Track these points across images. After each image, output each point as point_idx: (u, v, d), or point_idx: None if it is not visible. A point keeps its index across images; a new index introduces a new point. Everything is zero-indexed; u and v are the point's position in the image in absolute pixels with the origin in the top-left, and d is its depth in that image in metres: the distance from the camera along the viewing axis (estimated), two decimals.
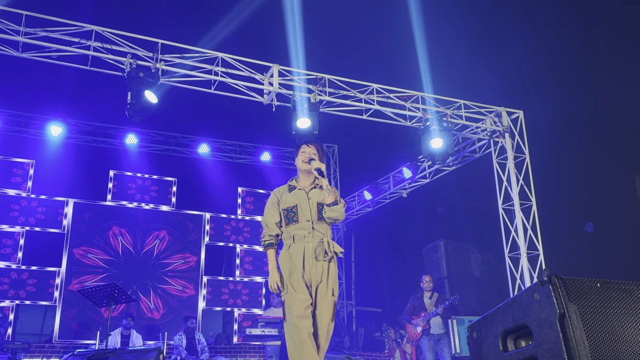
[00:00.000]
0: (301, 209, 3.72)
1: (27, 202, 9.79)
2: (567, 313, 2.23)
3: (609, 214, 10.35)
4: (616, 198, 10.34)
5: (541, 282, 2.34)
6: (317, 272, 3.58)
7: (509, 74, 10.60)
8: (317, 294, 3.59)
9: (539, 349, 2.38)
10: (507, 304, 2.67)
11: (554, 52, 11.15)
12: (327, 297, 3.58)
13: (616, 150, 10.45)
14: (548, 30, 10.98)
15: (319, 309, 3.57)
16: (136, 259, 10.25)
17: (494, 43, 11.11)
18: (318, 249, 3.62)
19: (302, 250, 3.63)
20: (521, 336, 2.63)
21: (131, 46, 7.16)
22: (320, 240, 3.64)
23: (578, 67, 10.77)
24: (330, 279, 3.61)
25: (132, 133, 10.81)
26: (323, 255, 3.59)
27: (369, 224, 12.62)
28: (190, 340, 8.30)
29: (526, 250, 8.37)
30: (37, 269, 9.56)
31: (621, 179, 10.30)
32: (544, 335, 2.34)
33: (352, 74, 8.34)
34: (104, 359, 4.22)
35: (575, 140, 10.73)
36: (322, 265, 3.60)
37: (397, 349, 10.26)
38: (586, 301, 2.30)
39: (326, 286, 3.58)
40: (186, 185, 11.10)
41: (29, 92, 10.06)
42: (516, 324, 2.57)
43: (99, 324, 8.69)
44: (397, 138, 10.24)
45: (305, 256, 3.61)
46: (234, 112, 10.11)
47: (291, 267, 3.61)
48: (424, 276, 8.09)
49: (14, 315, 9.15)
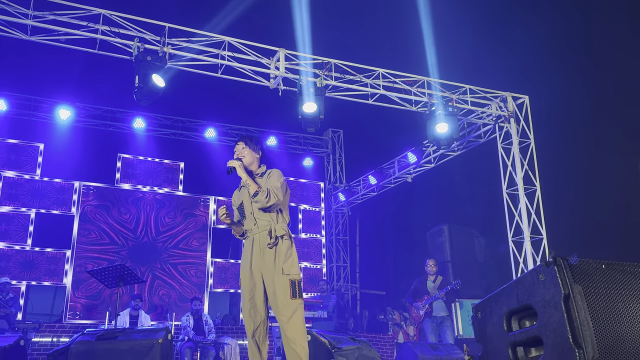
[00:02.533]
0: (246, 205, 3.96)
1: (37, 184, 9.91)
2: (571, 294, 2.25)
3: (612, 199, 10.40)
4: (620, 183, 10.38)
5: (546, 263, 2.37)
6: (266, 259, 3.77)
7: (515, 59, 10.59)
8: (269, 278, 3.75)
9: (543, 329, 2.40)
10: (512, 285, 2.68)
11: (560, 37, 11.12)
12: (279, 278, 3.71)
13: (620, 135, 10.46)
14: (554, 16, 10.94)
15: (274, 291, 3.71)
16: (144, 241, 10.37)
17: (500, 28, 11.07)
18: (264, 238, 3.81)
19: (251, 243, 3.89)
20: (525, 316, 2.64)
21: (139, 30, 7.18)
22: (266, 228, 3.83)
23: (584, 53, 10.75)
24: (279, 260, 3.75)
25: (140, 117, 10.86)
26: (267, 243, 3.78)
27: (374, 209, 12.70)
28: (197, 321, 8.43)
29: (530, 235, 8.44)
30: (47, 250, 9.70)
31: (625, 164, 10.33)
32: (549, 315, 2.36)
33: (358, 58, 8.35)
34: (113, 338, 4.30)
35: (580, 125, 10.74)
36: (269, 252, 3.78)
37: (400, 331, 10.39)
38: (591, 282, 2.31)
39: (274, 268, 3.73)
40: (193, 169, 11.18)
41: (38, 76, 10.12)
42: (521, 304, 2.58)
43: (108, 305, 8.82)
44: (402, 123, 10.28)
45: (254, 247, 3.85)
46: (240, 96, 10.15)
47: (244, 259, 3.91)
48: (428, 260, 8.17)
49: (24, 295, 9.31)
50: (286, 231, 3.87)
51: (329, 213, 12.75)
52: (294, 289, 3.69)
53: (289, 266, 3.76)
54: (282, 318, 3.65)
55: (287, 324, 3.64)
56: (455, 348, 6.85)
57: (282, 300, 3.66)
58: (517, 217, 8.62)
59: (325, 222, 12.43)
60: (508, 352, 2.62)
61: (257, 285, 3.80)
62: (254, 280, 3.81)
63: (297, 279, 3.74)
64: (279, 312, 3.68)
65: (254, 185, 3.87)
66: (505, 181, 8.89)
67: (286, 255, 3.78)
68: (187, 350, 8.04)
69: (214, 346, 8.27)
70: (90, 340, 4.21)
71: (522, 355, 2.60)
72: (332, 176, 12.94)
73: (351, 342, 4.95)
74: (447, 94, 8.64)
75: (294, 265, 3.80)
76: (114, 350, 4.13)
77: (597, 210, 10.49)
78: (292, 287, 3.69)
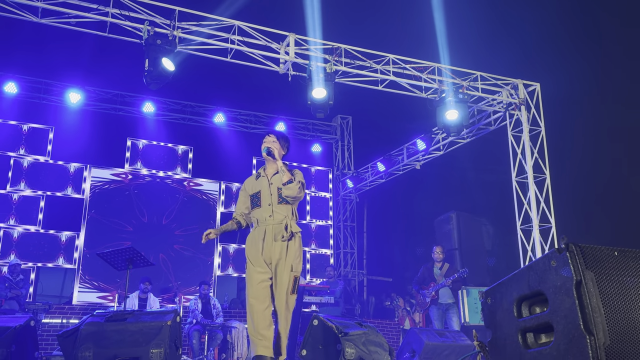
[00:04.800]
0: (263, 194, 4.08)
1: (48, 167, 9.98)
2: (583, 280, 2.23)
3: (623, 188, 10.33)
4: (631, 171, 10.30)
5: (558, 249, 2.35)
6: (276, 251, 3.95)
7: (527, 46, 10.48)
8: (277, 270, 3.96)
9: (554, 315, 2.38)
10: (523, 271, 2.65)
11: (572, 24, 10.97)
12: (286, 273, 3.94)
13: (631, 123, 10.36)
14: (567, 2, 10.79)
15: (278, 283, 3.96)
16: (153, 224, 10.44)
17: (512, 14, 10.95)
18: (278, 230, 3.97)
19: (262, 232, 4.01)
20: (536, 303, 2.61)
21: (149, 13, 7.16)
22: (281, 222, 3.99)
23: (595, 41, 10.62)
24: (289, 256, 3.97)
25: (149, 101, 10.88)
26: (281, 236, 3.95)
27: (382, 195, 12.69)
28: (205, 305, 8.51)
29: (538, 223, 8.41)
30: (57, 232, 9.80)
31: (636, 151, 10.24)
32: (560, 301, 2.34)
33: (368, 44, 8.29)
34: (122, 319, 4.33)
35: (591, 113, 10.64)
36: (280, 245, 3.95)
37: (406, 317, 10.44)
38: (603, 269, 2.28)
39: (284, 263, 3.95)
40: (202, 154, 11.22)
41: (49, 59, 10.13)
42: (531, 290, 2.56)
43: (117, 287, 8.91)
44: (411, 110, 10.22)
45: (265, 237, 3.99)
46: (249, 81, 10.12)
47: (253, 246, 4.03)
48: (435, 247, 8.17)
49: (34, 277, 9.42)
50: (299, 229, 4.08)
51: (337, 199, 12.76)
52: (295, 285, 3.98)
53: (297, 264, 4.01)
54: (281, 309, 3.97)
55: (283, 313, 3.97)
56: (462, 335, 6.86)
57: (284, 293, 3.94)
58: (526, 206, 8.59)
59: (333, 209, 12.45)
60: (518, 338, 2.60)
61: (266, 273, 3.99)
62: (264, 269, 3.98)
63: (299, 276, 4.04)
64: (279, 302, 3.97)
65: (287, 173, 3.95)
66: (515, 169, 8.84)
67: (296, 253, 4.01)
68: (195, 333, 8.12)
69: (221, 329, 8.35)
70: (100, 321, 4.23)
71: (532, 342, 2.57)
72: (340, 162, 12.93)
73: (358, 327, 4.95)
74: (458, 81, 8.58)
75: (300, 263, 4.07)
76: (123, 332, 4.15)
77: (607, 199, 10.43)
78: (294, 283, 3.97)
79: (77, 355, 4.00)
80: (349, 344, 4.65)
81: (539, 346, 2.51)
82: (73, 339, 4.11)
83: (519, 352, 2.57)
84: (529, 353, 2.51)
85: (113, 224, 10.16)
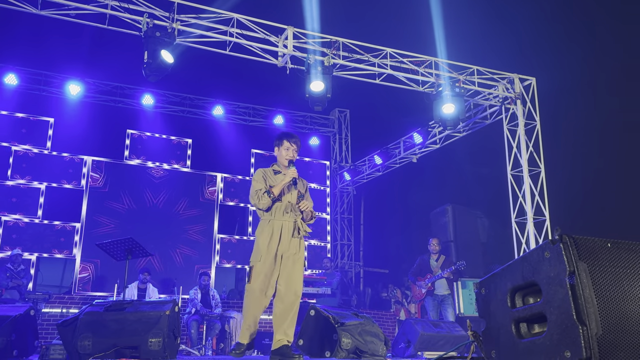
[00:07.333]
0: (286, 194, 4.28)
1: (48, 158, 10.00)
2: (576, 271, 2.25)
3: (617, 181, 10.44)
4: (625, 165, 10.41)
5: (552, 240, 2.36)
6: (293, 246, 4.22)
7: (522, 41, 10.53)
8: (290, 263, 4.19)
9: (547, 305, 2.40)
10: (517, 262, 2.67)
11: (568, 19, 11.04)
12: (299, 267, 4.24)
13: (625, 117, 10.46)
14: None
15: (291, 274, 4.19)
16: (152, 216, 10.48)
17: (508, 9, 10.99)
18: (293, 227, 4.25)
19: (280, 228, 4.22)
20: (530, 293, 2.63)
21: (148, 5, 7.18)
22: (294, 221, 4.27)
23: (590, 36, 10.68)
24: (301, 253, 4.29)
25: (149, 93, 10.90)
26: (297, 232, 4.25)
27: (379, 188, 12.78)
28: (204, 296, 8.58)
29: (533, 216, 8.51)
30: (57, 223, 9.84)
31: (631, 146, 10.35)
32: (553, 292, 2.36)
33: (366, 38, 8.32)
34: (121, 309, 4.36)
35: (585, 108, 10.73)
36: (296, 241, 4.25)
37: (402, 308, 10.56)
38: (596, 260, 2.30)
39: (296, 257, 4.23)
40: (201, 146, 11.25)
41: (48, 51, 10.14)
42: (525, 281, 2.58)
43: (116, 277, 8.97)
44: (408, 103, 10.28)
45: (282, 233, 4.21)
46: (248, 74, 10.15)
47: (270, 238, 4.19)
48: (432, 239, 8.27)
49: (35, 267, 9.47)
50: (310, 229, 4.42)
51: (334, 192, 12.84)
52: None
53: (304, 260, 4.39)
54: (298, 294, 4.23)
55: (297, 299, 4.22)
56: (456, 325, 6.97)
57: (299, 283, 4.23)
58: (520, 199, 8.68)
59: (331, 201, 12.52)
60: (511, 328, 2.62)
61: (276, 267, 4.18)
62: (276, 264, 4.18)
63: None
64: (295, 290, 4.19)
65: (311, 202, 4.35)
66: (510, 163, 8.93)
67: (304, 250, 4.39)
68: (194, 322, 8.21)
69: (219, 319, 8.43)
70: (99, 311, 4.26)
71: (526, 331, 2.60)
72: (337, 155, 12.99)
73: (354, 318, 5.03)
74: (455, 75, 8.64)
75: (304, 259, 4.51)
76: (122, 321, 4.17)
77: (600, 193, 10.54)
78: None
79: (76, 344, 4.02)
80: (345, 334, 4.74)
81: (532, 336, 2.53)
82: (72, 328, 4.14)
83: (512, 342, 2.60)
84: (523, 343, 2.54)
85: (112, 214, 10.20)
